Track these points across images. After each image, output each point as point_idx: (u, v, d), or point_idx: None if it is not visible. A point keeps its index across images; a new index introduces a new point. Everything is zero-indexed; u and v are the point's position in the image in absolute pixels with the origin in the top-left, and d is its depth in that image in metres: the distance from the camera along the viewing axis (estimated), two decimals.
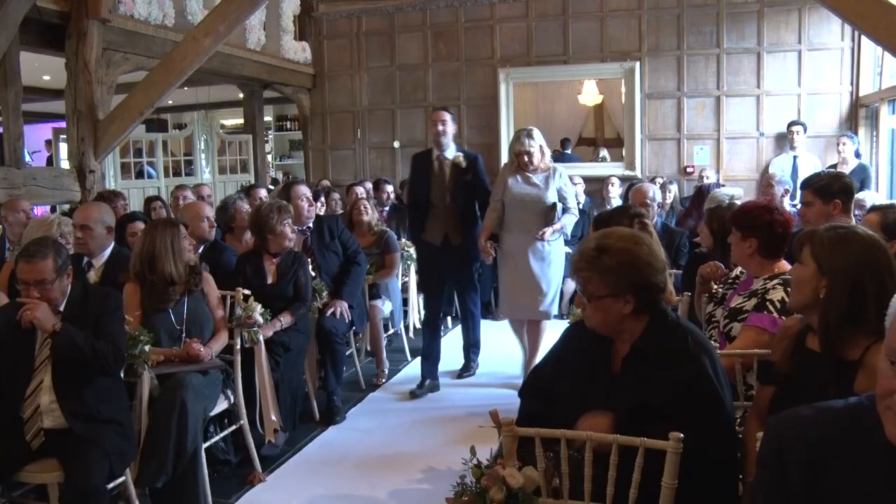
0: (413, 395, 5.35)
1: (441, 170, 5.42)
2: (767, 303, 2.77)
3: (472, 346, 5.85)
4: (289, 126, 12.79)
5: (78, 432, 3.05)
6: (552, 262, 5.19)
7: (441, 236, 5.44)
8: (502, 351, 6.12)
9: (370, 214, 6.10)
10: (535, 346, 5.33)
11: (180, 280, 3.86)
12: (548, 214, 5.07)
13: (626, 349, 2.17)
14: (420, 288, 6.39)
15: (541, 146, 5.13)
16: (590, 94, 11.15)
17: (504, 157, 9.49)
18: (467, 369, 5.82)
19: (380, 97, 9.99)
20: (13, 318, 3.06)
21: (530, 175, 5.11)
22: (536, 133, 5.15)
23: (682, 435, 1.88)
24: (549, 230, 5.02)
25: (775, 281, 2.82)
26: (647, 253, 2.14)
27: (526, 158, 5.08)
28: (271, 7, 8.87)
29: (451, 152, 5.43)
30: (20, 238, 5.17)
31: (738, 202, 4.05)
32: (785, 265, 2.89)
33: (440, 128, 5.36)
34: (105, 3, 6.39)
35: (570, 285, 7.50)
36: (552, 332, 6.63)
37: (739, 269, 3.20)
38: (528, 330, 5.35)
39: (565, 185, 5.18)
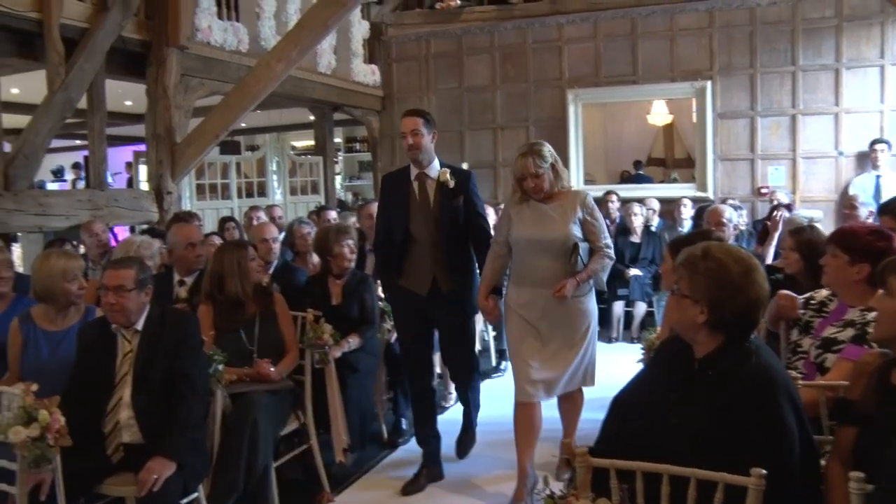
0: (406, 491, 4.10)
1: (423, 193, 4.09)
2: (868, 336, 2.61)
3: (470, 410, 4.54)
4: (358, 147, 12.98)
5: (154, 448, 3.12)
6: (583, 322, 3.82)
7: (428, 282, 4.06)
8: None
9: None
10: (572, 423, 4.10)
11: (248, 300, 3.94)
12: (569, 258, 3.69)
13: (697, 365, 2.13)
14: (402, 356, 4.58)
15: (553, 164, 3.76)
16: (659, 114, 11.02)
17: (574, 180, 9.47)
18: (466, 445, 4.56)
19: (448, 119, 10.04)
20: (98, 334, 3.18)
21: (542, 205, 3.77)
22: (547, 149, 3.79)
23: (764, 471, 1.80)
24: (571, 283, 3.66)
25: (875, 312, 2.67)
26: (740, 275, 2.06)
27: (533, 184, 3.72)
28: (342, 31, 9.03)
29: (433, 169, 4.10)
30: (99, 258, 5.37)
31: (818, 225, 3.92)
32: None
33: (410, 140, 4.00)
34: (184, 32, 6.62)
35: (641, 308, 7.39)
36: (617, 356, 6.57)
37: (825, 294, 3.06)
38: (561, 406, 4.09)
39: (593, 214, 3.79)
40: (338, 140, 12.37)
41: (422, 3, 10.32)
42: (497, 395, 5.23)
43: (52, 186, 13.38)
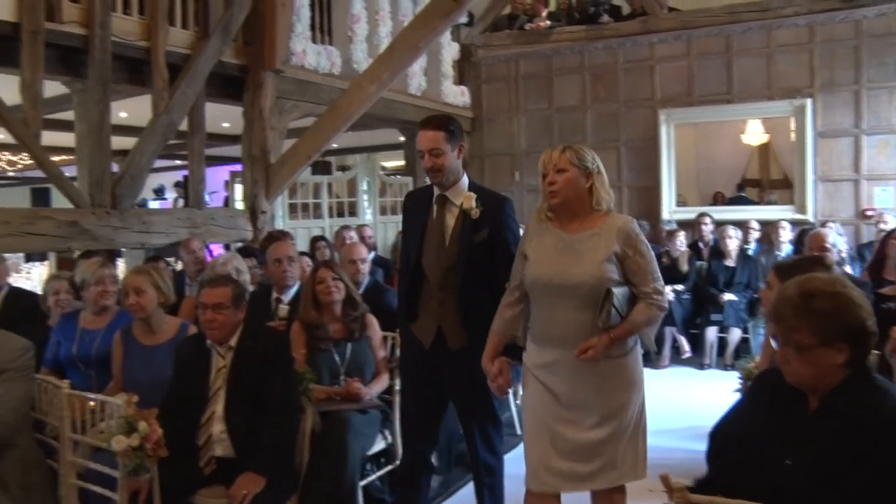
0: None
1: (440, 220, 3.27)
2: None
3: None
4: None
5: (245, 463, 3.17)
6: (623, 393, 2.88)
7: (432, 334, 3.24)
8: (671, 400, 5.85)
9: None
10: None
11: (330, 322, 4.00)
12: (600, 310, 2.75)
13: (815, 404, 1.96)
14: (401, 416, 3.72)
15: (591, 171, 2.83)
16: (755, 134, 10.67)
17: (666, 202, 9.27)
18: None
19: (537, 139, 9.99)
20: (194, 349, 3.29)
21: (568, 235, 2.83)
22: (591, 154, 2.87)
23: None
24: (601, 344, 2.74)
25: None
26: (859, 295, 1.94)
27: (554, 182, 2.81)
28: (432, 53, 9.13)
29: (458, 191, 3.24)
30: (195, 275, 5.54)
31: None
32: None
33: (429, 162, 3.17)
34: (279, 56, 6.82)
35: (736, 334, 7.14)
36: (710, 383, 6.37)
37: None
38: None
39: (638, 248, 2.81)
40: None
41: (511, 24, 10.37)
42: None
43: (153, 205, 13.97)
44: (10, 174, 12.94)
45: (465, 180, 3.28)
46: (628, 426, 2.90)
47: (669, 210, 9.29)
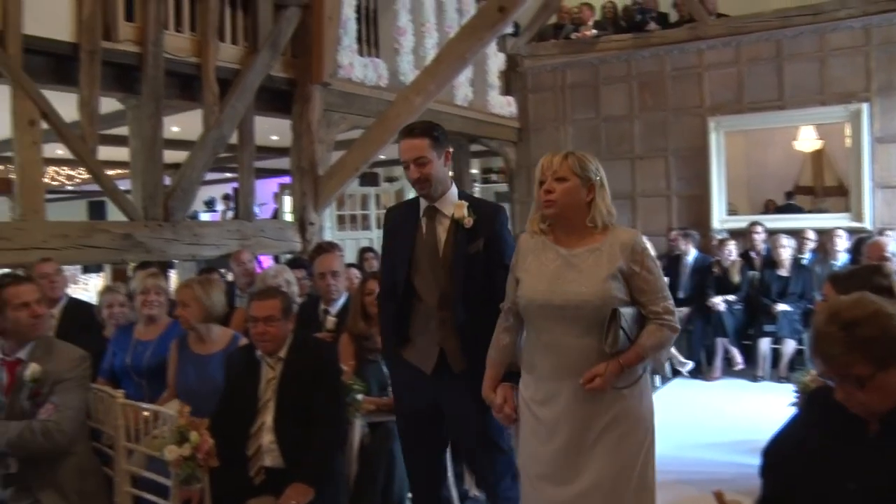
0: None
1: (431, 234, 3.04)
2: None
3: None
4: (495, 178, 13.04)
5: (294, 473, 3.19)
6: (630, 428, 2.55)
7: (433, 357, 3.01)
8: (723, 413, 5.74)
9: None
10: None
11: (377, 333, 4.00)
12: (606, 333, 2.45)
13: (876, 426, 1.87)
14: (404, 458, 3.31)
15: (593, 181, 2.55)
16: (807, 140, 10.44)
17: (716, 211, 9.13)
18: None
19: (584, 149, 9.54)
20: (244, 360, 3.34)
21: (566, 251, 2.56)
22: (595, 163, 2.59)
23: None
24: (610, 371, 2.45)
25: None
26: (890, 304, 1.86)
27: (551, 189, 2.53)
28: (478, 64, 9.14)
29: (448, 202, 3.03)
30: (245, 286, 5.61)
31: None
32: None
33: (416, 173, 2.96)
34: (327, 69, 6.90)
35: (790, 346, 6.98)
36: (763, 396, 6.24)
37: None
38: None
39: (645, 263, 2.53)
40: (474, 171, 12.48)
41: (557, 33, 10.34)
42: None
43: (204, 217, 14.21)
44: (69, 188, 13.28)
45: (454, 189, 3.08)
46: (636, 468, 2.56)
47: (720, 219, 9.14)
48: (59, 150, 6.82)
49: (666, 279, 6.52)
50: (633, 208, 9.63)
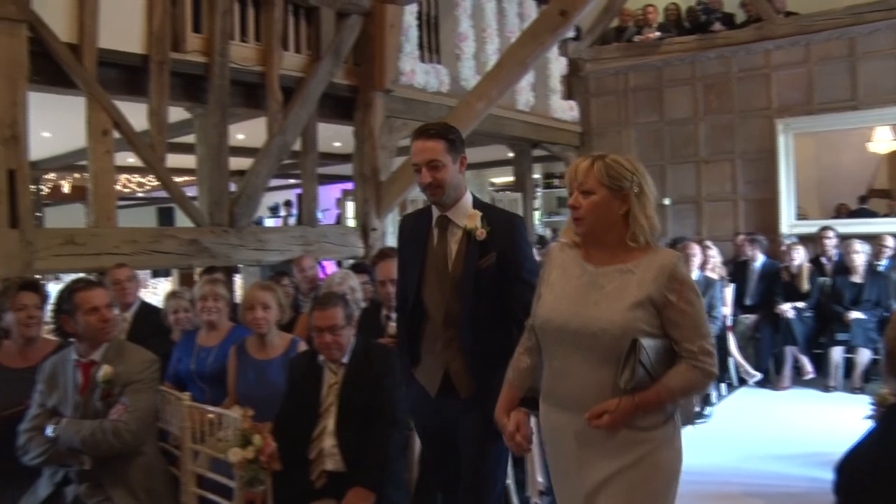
0: None
1: (442, 245, 2.83)
2: None
3: None
4: (557, 183, 12.95)
5: (355, 477, 3.21)
6: (647, 480, 2.20)
7: (438, 379, 2.81)
8: (793, 424, 5.57)
9: None
10: None
11: None
12: (621, 367, 2.14)
13: None
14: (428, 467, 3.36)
15: (627, 191, 2.21)
16: (883, 142, 10.08)
17: (785, 216, 8.89)
18: None
19: (648, 153, 9.77)
20: (306, 365, 3.38)
21: (595, 268, 2.25)
22: (631, 166, 2.25)
23: None
24: (621, 410, 2.13)
25: None
26: None
27: (577, 205, 2.23)
28: (540, 69, 9.10)
29: (460, 211, 2.81)
30: (308, 292, 5.68)
31: None
32: None
33: (428, 177, 2.72)
34: (389, 76, 6.95)
35: (865, 355, 6.74)
36: (836, 407, 6.02)
37: None
38: None
39: (684, 293, 2.17)
40: (536, 176, 12.42)
41: (619, 36, 10.23)
42: (699, 445, 4.95)
43: (268, 222, 14.47)
44: (140, 195, 13.70)
45: (468, 197, 2.83)
46: None
47: (789, 224, 8.88)
48: (131, 159, 7.03)
49: (732, 286, 6.25)
50: (699, 213, 9.44)
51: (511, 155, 10.76)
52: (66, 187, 12.68)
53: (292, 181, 12.19)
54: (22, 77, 4.79)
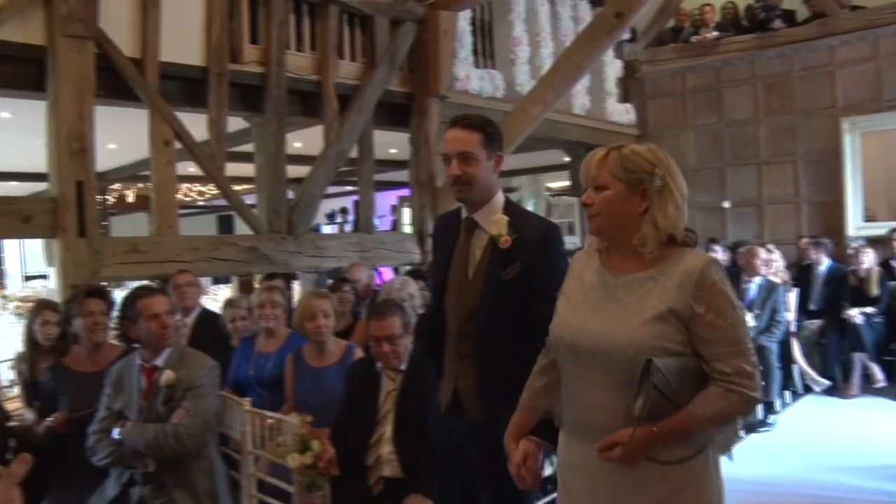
0: None
1: (466, 250, 2.60)
2: None
3: None
4: None
5: (413, 484, 3.21)
6: None
7: (448, 396, 2.63)
8: (862, 434, 5.39)
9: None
10: None
11: None
12: (641, 388, 1.80)
13: None
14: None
15: (646, 185, 1.90)
16: None
17: (851, 218, 8.62)
18: None
19: (707, 155, 9.61)
20: (364, 372, 3.40)
21: (614, 277, 1.95)
22: (652, 156, 1.93)
23: None
24: (637, 441, 1.80)
25: None
26: None
27: (590, 202, 1.96)
28: (595, 72, 9.02)
29: (488, 215, 2.55)
30: (364, 298, 5.71)
31: None
32: None
33: (457, 169, 2.50)
34: (444, 82, 6.98)
35: None
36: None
37: None
38: None
39: (715, 303, 1.83)
40: None
41: (676, 37, 10.08)
42: (762, 454, 4.82)
43: (325, 229, 14.63)
44: (200, 203, 14.00)
45: (499, 200, 2.57)
46: None
47: (855, 226, 8.62)
48: (191, 168, 7.19)
49: (796, 290, 6.06)
50: (761, 216, 9.23)
51: (567, 159, 10.68)
52: (130, 197, 13.04)
53: (348, 188, 12.33)
54: (89, 92, 4.95)
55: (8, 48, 4.76)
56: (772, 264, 6.77)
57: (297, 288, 7.52)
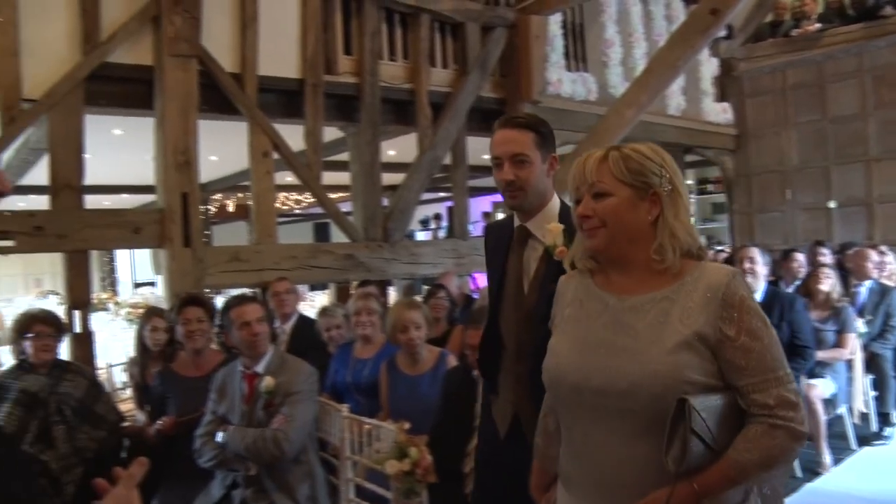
0: None
1: (519, 262, 2.36)
2: None
3: None
4: (711, 189, 12.47)
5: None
6: None
7: (507, 419, 2.36)
8: None
9: (830, 284, 5.43)
10: None
11: None
12: (674, 434, 1.49)
13: None
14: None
15: (657, 189, 1.64)
16: None
17: None
18: None
19: (811, 153, 9.22)
20: (460, 380, 3.43)
21: (619, 299, 1.65)
22: (656, 158, 1.66)
23: None
24: (672, 501, 1.49)
25: None
26: None
27: (586, 214, 1.66)
28: (690, 71, 8.79)
29: (542, 223, 2.30)
30: (459, 304, 5.74)
31: None
32: None
33: (510, 173, 2.27)
34: (536, 87, 6.95)
35: None
36: None
37: None
38: None
39: (746, 323, 1.54)
40: (689, 182, 12.01)
41: (775, 31, 9.70)
42: (877, 468, 4.58)
43: (419, 236, 14.75)
44: (297, 212, 14.35)
45: (554, 205, 2.34)
46: None
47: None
48: (289, 178, 7.38)
49: None
50: (870, 217, 8.77)
51: None
52: (230, 206, 13.47)
53: (442, 194, 12.40)
54: (193, 107, 5.15)
55: (119, 70, 5.03)
56: (885, 267, 6.43)
57: (392, 294, 7.61)
